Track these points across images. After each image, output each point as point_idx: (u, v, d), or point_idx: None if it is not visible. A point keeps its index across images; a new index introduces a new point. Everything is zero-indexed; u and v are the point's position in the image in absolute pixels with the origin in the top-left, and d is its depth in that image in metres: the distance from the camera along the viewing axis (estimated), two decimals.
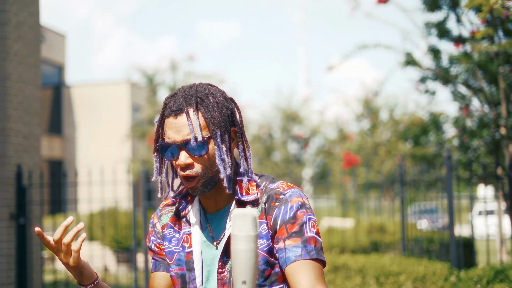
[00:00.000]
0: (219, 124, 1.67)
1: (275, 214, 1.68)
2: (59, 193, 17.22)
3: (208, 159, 1.66)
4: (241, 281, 1.37)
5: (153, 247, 1.83)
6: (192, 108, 1.66)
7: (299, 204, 1.68)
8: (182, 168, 1.65)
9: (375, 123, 18.07)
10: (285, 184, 1.74)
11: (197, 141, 1.63)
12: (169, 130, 1.66)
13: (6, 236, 5.83)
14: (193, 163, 1.65)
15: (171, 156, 1.67)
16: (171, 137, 1.65)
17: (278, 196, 1.70)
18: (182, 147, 1.64)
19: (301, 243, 1.63)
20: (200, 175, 1.65)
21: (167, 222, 1.81)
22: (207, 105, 1.67)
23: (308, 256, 1.61)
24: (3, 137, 5.83)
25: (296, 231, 1.64)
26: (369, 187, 13.56)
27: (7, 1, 5.92)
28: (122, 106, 22.46)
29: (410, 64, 5.87)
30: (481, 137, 5.70)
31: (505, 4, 3.57)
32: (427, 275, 4.81)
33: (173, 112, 1.66)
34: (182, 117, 1.65)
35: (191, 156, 1.64)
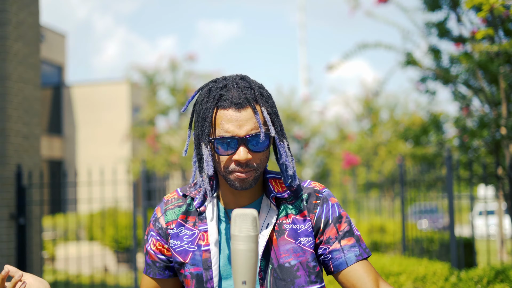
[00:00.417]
0: (279, 121, 1.65)
1: (318, 212, 1.68)
2: (59, 193, 17.20)
3: (264, 155, 1.63)
4: (241, 281, 1.37)
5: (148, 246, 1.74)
6: (257, 102, 1.61)
7: (338, 204, 1.72)
8: (239, 164, 1.59)
9: (375, 123, 18.05)
10: (317, 183, 1.76)
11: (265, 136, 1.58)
12: (228, 124, 1.58)
13: (6, 236, 5.82)
14: (251, 159, 1.60)
15: (227, 150, 1.59)
16: (232, 131, 1.57)
17: (318, 194, 1.71)
18: (243, 143, 1.58)
19: (356, 242, 1.68)
20: (256, 170, 1.61)
21: (174, 219, 1.72)
22: (267, 100, 1.64)
23: (365, 255, 1.67)
24: (3, 137, 5.83)
25: (348, 230, 1.68)
26: (369, 187, 13.55)
27: (7, 1, 5.91)
28: (122, 106, 22.46)
29: (410, 64, 5.86)
30: (481, 137, 5.69)
31: (505, 3, 3.56)
32: (427, 275, 4.81)
33: (234, 105, 1.58)
34: (246, 111, 1.59)
35: (250, 151, 1.59)
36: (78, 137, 22.68)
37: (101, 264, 11.21)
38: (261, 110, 1.61)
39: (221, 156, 1.61)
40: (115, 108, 22.44)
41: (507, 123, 5.22)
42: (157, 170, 16.18)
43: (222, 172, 1.63)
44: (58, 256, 11.62)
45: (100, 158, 21.56)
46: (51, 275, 9.78)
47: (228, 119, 1.58)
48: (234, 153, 1.58)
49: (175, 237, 1.70)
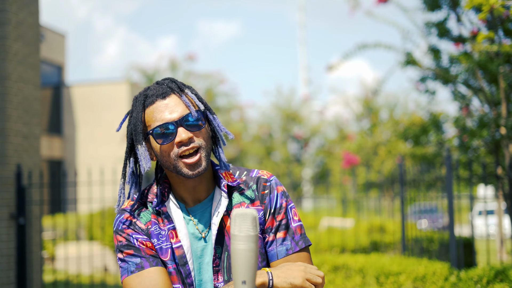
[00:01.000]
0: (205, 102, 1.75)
1: (266, 201, 1.75)
2: (59, 193, 17.20)
3: (205, 133, 1.71)
4: (241, 281, 1.37)
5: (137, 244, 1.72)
6: (180, 89, 1.72)
7: (282, 192, 1.76)
8: (184, 144, 1.66)
9: (375, 123, 18.05)
10: (264, 171, 1.81)
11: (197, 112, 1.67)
12: (159, 114, 1.67)
13: (6, 236, 5.82)
14: (193, 137, 1.67)
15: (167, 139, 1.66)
16: (165, 118, 1.67)
17: (265, 183, 1.76)
18: (180, 124, 1.66)
19: (290, 235, 1.72)
20: (201, 147, 1.68)
21: (149, 220, 1.74)
22: (189, 87, 1.75)
23: (297, 248, 1.71)
24: (3, 137, 5.83)
25: (284, 222, 1.73)
26: (369, 187, 13.56)
27: (7, 1, 5.91)
28: (122, 106, 22.45)
29: (410, 64, 5.86)
30: (481, 137, 5.70)
31: (505, 4, 3.56)
32: (427, 275, 4.81)
33: (159, 96, 1.69)
34: (172, 98, 1.69)
35: (190, 132, 1.67)
36: (78, 137, 22.68)
37: (101, 264, 11.21)
38: (185, 92, 1.72)
39: (163, 147, 1.67)
40: (115, 108, 22.44)
41: (506, 123, 5.22)
42: None
43: (172, 162, 1.67)
44: (58, 256, 11.62)
45: (100, 158, 21.56)
46: (51, 274, 9.78)
47: (158, 110, 1.67)
48: (174, 137, 1.65)
49: (153, 236, 1.73)
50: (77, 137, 22.67)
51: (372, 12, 6.21)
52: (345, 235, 9.71)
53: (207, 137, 1.71)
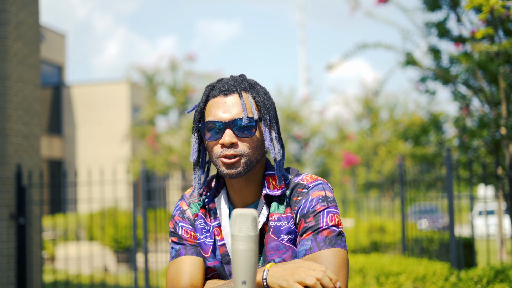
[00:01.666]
0: (269, 109, 1.68)
1: (297, 208, 1.67)
2: (59, 193, 17.20)
3: (253, 142, 1.65)
4: (241, 281, 1.37)
5: (181, 232, 1.75)
6: (245, 90, 1.67)
7: (319, 197, 1.66)
8: (226, 147, 1.62)
9: (375, 123, 18.05)
10: (309, 176, 1.72)
11: (249, 120, 1.62)
12: (215, 109, 1.65)
13: (6, 236, 5.82)
14: (237, 143, 1.63)
15: (214, 136, 1.64)
16: (218, 116, 1.63)
17: (301, 190, 1.69)
18: (229, 126, 1.62)
19: (312, 236, 1.62)
20: (242, 155, 1.62)
21: (197, 212, 1.77)
22: (258, 90, 1.69)
23: (317, 249, 1.59)
24: (3, 137, 5.83)
25: (312, 225, 1.63)
26: (369, 187, 13.55)
27: (7, 1, 5.91)
28: (122, 106, 22.45)
29: (410, 64, 5.86)
30: (481, 137, 5.69)
31: (506, 4, 3.56)
32: (427, 275, 4.81)
33: (222, 92, 1.65)
34: (233, 97, 1.65)
35: (236, 137, 1.63)
36: (78, 137, 22.68)
37: (101, 264, 11.21)
38: (247, 96, 1.66)
39: (210, 143, 1.66)
40: (115, 108, 22.43)
41: (506, 123, 5.22)
42: (157, 170, 16.18)
43: (214, 159, 1.66)
44: (58, 256, 11.62)
45: (100, 158, 21.55)
46: (51, 275, 9.78)
47: (216, 105, 1.65)
48: (220, 137, 1.63)
49: (197, 230, 1.75)
50: (77, 137, 22.67)
51: (372, 12, 6.21)
52: (345, 235, 9.69)
53: (254, 146, 1.65)
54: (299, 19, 28.17)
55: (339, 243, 1.61)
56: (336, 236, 1.62)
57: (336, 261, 1.58)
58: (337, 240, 1.62)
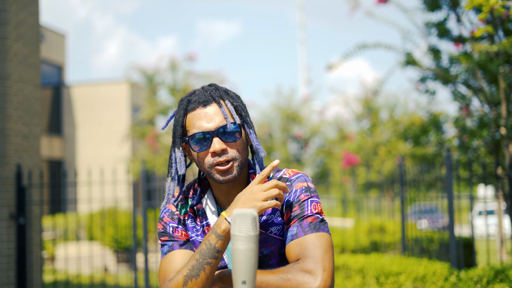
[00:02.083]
0: (246, 112, 1.79)
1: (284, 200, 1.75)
2: (59, 193, 17.20)
3: (240, 144, 1.75)
4: (241, 281, 1.37)
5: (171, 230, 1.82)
6: (221, 98, 1.76)
7: (303, 188, 1.75)
8: (217, 154, 1.71)
9: (375, 123, 18.05)
10: (290, 170, 1.81)
11: (233, 125, 1.72)
12: (198, 121, 1.73)
13: (6, 236, 5.82)
14: (227, 149, 1.72)
15: (203, 147, 1.72)
16: (203, 127, 1.72)
17: (284, 183, 1.76)
18: (215, 135, 1.71)
19: (298, 222, 1.70)
20: (234, 159, 1.72)
21: (186, 212, 1.85)
22: (232, 96, 1.78)
23: (302, 234, 1.68)
24: (3, 137, 5.83)
25: (297, 213, 1.72)
26: (369, 187, 13.55)
27: (7, 1, 5.92)
28: (122, 106, 22.45)
29: (410, 64, 5.86)
30: (481, 137, 5.70)
31: (505, 4, 3.56)
32: (427, 275, 4.81)
33: (200, 104, 1.74)
34: (212, 106, 1.74)
35: (225, 143, 1.72)
36: (78, 137, 22.68)
37: (101, 264, 11.21)
38: (225, 103, 1.75)
39: (199, 154, 1.75)
40: (115, 108, 22.43)
41: (506, 123, 5.23)
42: (157, 170, 16.18)
43: (206, 169, 1.75)
44: (58, 256, 11.62)
45: (100, 158, 21.55)
46: (51, 275, 9.78)
47: (198, 117, 1.73)
48: (209, 147, 1.71)
49: (189, 228, 1.83)
50: (77, 137, 22.67)
51: (372, 12, 6.21)
52: (345, 235, 9.71)
53: (242, 148, 1.75)
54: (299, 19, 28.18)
55: (323, 228, 1.70)
56: (319, 222, 1.71)
57: (321, 243, 1.66)
58: (321, 225, 1.70)
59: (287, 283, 1.58)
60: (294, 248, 1.66)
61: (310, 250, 1.64)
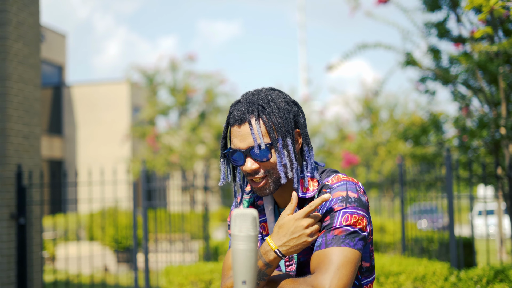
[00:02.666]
0: (280, 131, 1.74)
1: (320, 208, 1.73)
2: (59, 193, 17.21)
3: (274, 162, 1.75)
4: (241, 281, 1.38)
5: None
6: (254, 117, 1.74)
7: (339, 198, 1.70)
8: (248, 173, 1.75)
9: (375, 123, 18.05)
10: (337, 177, 1.76)
11: (260, 148, 1.72)
12: (234, 138, 1.77)
13: (6, 236, 5.83)
14: (259, 168, 1.74)
15: (238, 162, 1.77)
16: (237, 145, 1.75)
17: (325, 190, 1.74)
18: (247, 154, 1.74)
19: (324, 234, 1.67)
20: (268, 175, 1.74)
21: (247, 207, 1.89)
22: (269, 113, 1.75)
23: (324, 246, 1.65)
24: (3, 137, 5.83)
25: (326, 224, 1.69)
26: (369, 187, 13.54)
27: (7, 1, 5.92)
28: (122, 106, 22.45)
29: (410, 64, 5.86)
30: (481, 137, 5.70)
31: (505, 4, 3.57)
32: (427, 275, 4.81)
33: (236, 122, 1.76)
34: (245, 126, 1.74)
35: (256, 162, 1.74)
36: (78, 137, 22.69)
37: (101, 264, 11.21)
38: (255, 124, 1.73)
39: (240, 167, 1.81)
40: (115, 108, 22.44)
41: (506, 123, 5.23)
42: (157, 170, 16.18)
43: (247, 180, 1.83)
44: (58, 256, 11.63)
45: (100, 158, 21.56)
46: (51, 274, 9.79)
47: (234, 135, 1.76)
48: (243, 164, 1.76)
49: None
50: (77, 137, 22.68)
51: (372, 13, 6.21)
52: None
53: (274, 164, 1.74)
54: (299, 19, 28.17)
55: (348, 242, 1.64)
56: (346, 235, 1.65)
57: (338, 259, 1.61)
58: (346, 239, 1.64)
59: None
60: (314, 259, 1.66)
61: (325, 264, 1.62)
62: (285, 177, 1.74)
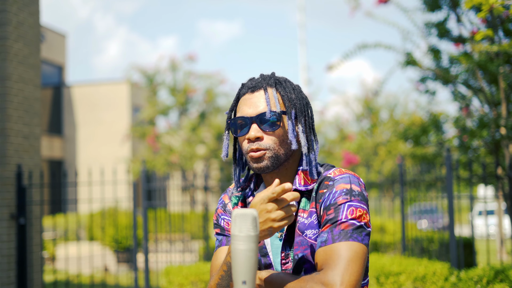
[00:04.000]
0: (295, 103, 1.69)
1: (322, 200, 1.65)
2: (59, 193, 17.21)
3: (279, 136, 1.66)
4: (241, 281, 1.37)
5: (223, 224, 1.79)
6: (270, 86, 1.70)
7: (343, 190, 1.63)
8: (251, 142, 1.65)
9: (375, 123, 18.05)
10: (338, 170, 1.70)
11: (272, 113, 1.64)
12: (243, 106, 1.69)
13: (6, 236, 5.83)
14: (262, 137, 1.66)
15: (242, 131, 1.68)
16: (245, 111, 1.68)
17: (327, 182, 1.67)
18: (254, 121, 1.66)
19: (329, 228, 1.59)
20: (268, 150, 1.65)
21: (236, 204, 1.80)
22: (285, 87, 1.71)
23: (331, 241, 1.57)
24: (3, 137, 5.83)
25: (331, 217, 1.61)
26: (369, 187, 13.54)
27: (7, 1, 5.92)
28: (122, 106, 22.45)
29: (410, 64, 5.86)
30: (481, 137, 5.70)
31: (505, 3, 3.56)
32: (427, 275, 4.81)
33: (250, 89, 1.70)
34: (259, 93, 1.69)
35: (262, 131, 1.66)
36: (78, 137, 22.68)
37: (101, 264, 11.21)
38: (272, 91, 1.69)
39: (239, 139, 1.71)
40: (115, 108, 22.44)
41: (506, 123, 5.23)
42: (157, 170, 16.18)
43: (244, 156, 1.70)
44: (58, 256, 11.63)
45: (100, 158, 21.55)
46: (51, 275, 9.79)
47: (244, 102, 1.69)
48: (247, 132, 1.67)
49: None
50: (77, 137, 22.67)
51: (372, 13, 6.21)
52: None
53: (280, 140, 1.66)
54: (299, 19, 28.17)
55: (356, 237, 1.57)
56: (353, 230, 1.58)
57: (348, 254, 1.54)
58: (354, 233, 1.57)
59: None
60: (320, 256, 1.57)
61: (334, 260, 1.54)
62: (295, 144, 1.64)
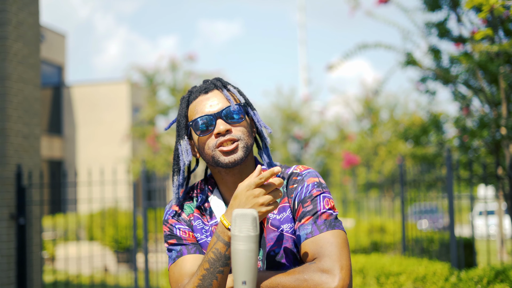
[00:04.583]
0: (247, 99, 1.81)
1: (294, 194, 1.71)
2: (59, 193, 17.20)
3: (246, 127, 1.74)
4: (241, 281, 1.37)
5: (179, 233, 1.76)
6: (222, 86, 1.78)
7: (314, 183, 1.71)
8: (222, 135, 1.70)
9: (375, 123, 18.04)
10: (300, 166, 1.78)
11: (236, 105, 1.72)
12: (200, 107, 1.74)
13: (6, 236, 5.82)
14: (231, 129, 1.71)
15: (206, 130, 1.72)
16: (205, 111, 1.73)
17: (295, 178, 1.74)
18: (219, 116, 1.71)
19: (312, 220, 1.65)
20: (240, 140, 1.71)
21: (191, 212, 1.79)
22: (233, 86, 1.81)
23: (318, 232, 1.63)
24: (3, 137, 5.83)
25: (309, 209, 1.67)
26: (369, 187, 13.55)
27: (7, 1, 5.91)
28: (122, 106, 22.45)
29: (411, 64, 5.86)
30: (481, 137, 5.69)
31: (505, 3, 3.56)
32: (427, 275, 4.81)
33: (203, 91, 1.77)
34: (213, 93, 1.76)
35: (230, 124, 1.71)
36: (78, 137, 22.68)
37: (101, 264, 11.21)
38: (228, 88, 1.78)
39: (202, 139, 1.73)
40: (115, 108, 22.43)
41: (507, 123, 5.22)
42: (157, 170, 16.17)
43: (210, 154, 1.72)
44: (58, 256, 11.62)
45: (100, 158, 21.55)
46: (51, 275, 9.78)
47: (200, 104, 1.74)
48: (213, 129, 1.71)
49: (196, 230, 1.77)
50: (77, 137, 22.67)
51: (372, 13, 6.20)
52: None
53: (247, 131, 1.74)
54: (300, 19, 28.18)
55: (338, 225, 1.65)
56: (334, 219, 1.66)
57: (337, 241, 1.61)
58: (336, 222, 1.66)
59: (304, 284, 1.53)
60: (310, 247, 1.61)
61: (327, 248, 1.59)
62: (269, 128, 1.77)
